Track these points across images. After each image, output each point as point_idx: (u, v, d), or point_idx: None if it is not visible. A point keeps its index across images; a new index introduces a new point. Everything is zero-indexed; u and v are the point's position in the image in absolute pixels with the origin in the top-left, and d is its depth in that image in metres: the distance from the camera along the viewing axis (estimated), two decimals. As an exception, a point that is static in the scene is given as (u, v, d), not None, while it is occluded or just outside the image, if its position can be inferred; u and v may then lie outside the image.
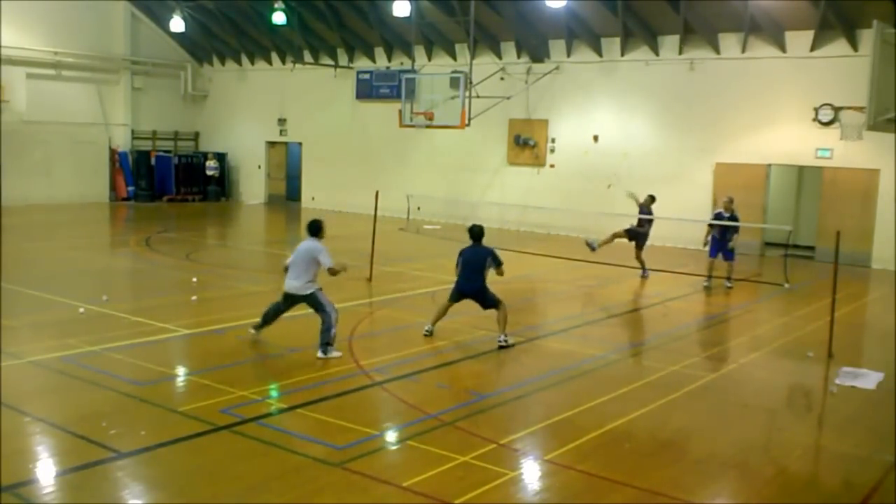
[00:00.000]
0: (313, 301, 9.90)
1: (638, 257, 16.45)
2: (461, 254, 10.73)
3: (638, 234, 16.52)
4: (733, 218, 15.75)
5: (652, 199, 16.54)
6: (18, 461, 6.44)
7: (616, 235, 16.47)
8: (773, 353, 11.23)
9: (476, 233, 10.68)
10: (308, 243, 9.96)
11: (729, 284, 15.56)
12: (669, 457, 7.15)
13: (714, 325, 13.08)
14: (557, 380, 9.46)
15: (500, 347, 10.36)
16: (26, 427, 7.20)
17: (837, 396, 9.10)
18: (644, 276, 16.28)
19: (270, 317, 10.23)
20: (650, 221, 16.53)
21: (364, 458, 6.76)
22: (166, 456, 6.69)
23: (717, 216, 15.94)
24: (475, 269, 10.54)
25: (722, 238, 15.59)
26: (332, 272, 9.88)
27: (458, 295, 10.74)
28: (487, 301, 10.63)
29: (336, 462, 6.61)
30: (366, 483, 6.28)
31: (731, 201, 15.85)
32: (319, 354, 9.64)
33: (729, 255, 15.56)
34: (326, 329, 9.71)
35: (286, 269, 10.04)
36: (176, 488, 6.16)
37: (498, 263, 10.58)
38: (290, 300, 10.08)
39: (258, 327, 10.29)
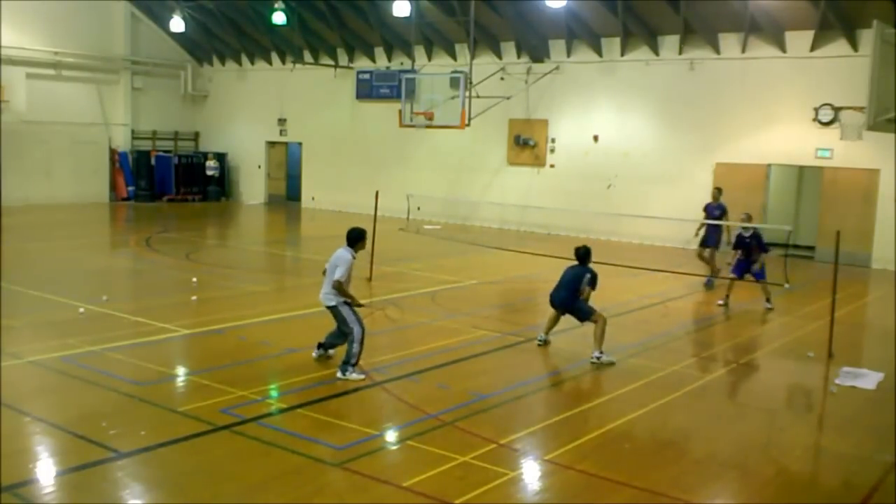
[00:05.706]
0: (335, 313, 9.11)
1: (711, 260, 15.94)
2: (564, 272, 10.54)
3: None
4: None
5: (719, 191, 16.48)
6: (18, 461, 6.44)
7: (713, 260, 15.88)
8: (773, 353, 11.23)
9: (581, 255, 10.39)
10: (339, 251, 9.17)
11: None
12: (669, 457, 7.15)
13: (714, 324, 13.08)
14: (557, 380, 9.46)
15: (593, 363, 9.91)
16: (26, 427, 7.21)
17: (837, 396, 9.10)
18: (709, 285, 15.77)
19: (333, 337, 9.45)
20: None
21: (364, 458, 6.76)
22: (166, 456, 6.70)
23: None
24: (565, 286, 10.35)
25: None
26: (337, 287, 8.95)
27: (551, 304, 10.61)
28: (580, 314, 10.37)
29: (336, 462, 6.62)
30: (366, 483, 6.27)
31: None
32: (338, 374, 8.84)
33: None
34: (348, 344, 8.94)
35: (324, 273, 9.28)
36: (176, 488, 6.16)
37: (592, 285, 10.25)
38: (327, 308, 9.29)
39: (322, 350, 9.56)
